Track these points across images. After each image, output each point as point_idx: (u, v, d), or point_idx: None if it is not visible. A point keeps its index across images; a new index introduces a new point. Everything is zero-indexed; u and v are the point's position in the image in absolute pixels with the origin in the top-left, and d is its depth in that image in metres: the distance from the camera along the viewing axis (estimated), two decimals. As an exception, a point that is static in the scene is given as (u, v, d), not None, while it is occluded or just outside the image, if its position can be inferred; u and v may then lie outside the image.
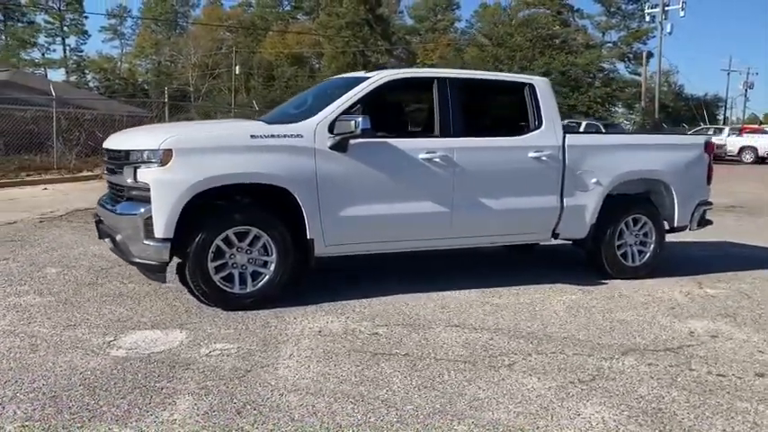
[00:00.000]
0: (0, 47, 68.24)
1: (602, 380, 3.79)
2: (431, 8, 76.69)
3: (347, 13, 56.80)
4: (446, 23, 75.42)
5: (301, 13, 78.40)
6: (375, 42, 59.65)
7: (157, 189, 4.57)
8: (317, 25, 64.49)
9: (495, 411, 3.32)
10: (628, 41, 53.72)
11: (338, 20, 57.65)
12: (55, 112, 15.77)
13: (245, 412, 3.23)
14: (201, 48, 70.28)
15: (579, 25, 55.58)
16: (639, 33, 49.63)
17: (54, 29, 67.08)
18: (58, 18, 66.09)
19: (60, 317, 4.64)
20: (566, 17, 56.87)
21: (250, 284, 4.92)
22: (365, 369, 3.83)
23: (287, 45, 68.46)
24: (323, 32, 60.88)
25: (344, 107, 5.13)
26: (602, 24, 57.22)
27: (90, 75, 75.89)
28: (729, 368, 4.03)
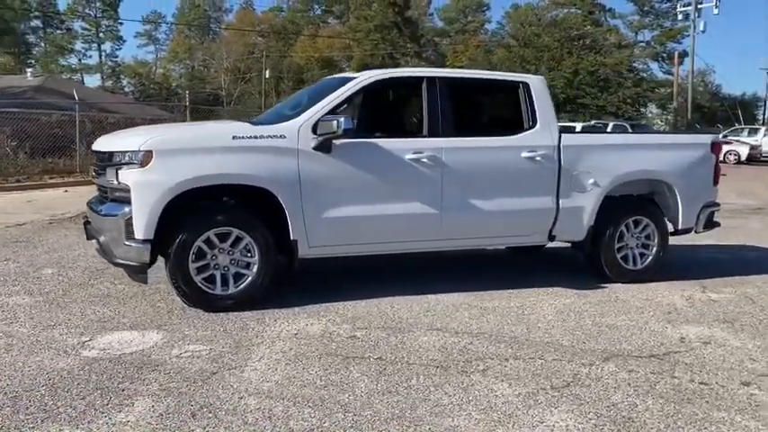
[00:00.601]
0: (39, 53, 70.05)
1: (577, 386, 3.66)
2: (461, 10, 76.45)
3: (376, 16, 56.90)
4: (476, 25, 75.08)
5: (332, 16, 78.74)
6: (404, 45, 59.62)
7: (137, 190, 4.58)
8: (347, 28, 64.72)
9: (455, 418, 3.23)
10: (661, 41, 52.73)
11: (367, 23, 57.76)
12: (78, 116, 16.08)
13: (200, 415, 3.19)
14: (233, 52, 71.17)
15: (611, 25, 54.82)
16: (673, 32, 48.64)
17: (90, 35, 68.57)
18: (94, 25, 67.47)
19: (43, 317, 4.67)
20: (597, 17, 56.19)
21: (232, 286, 4.90)
22: (333, 373, 3.77)
23: (317, 49, 68.88)
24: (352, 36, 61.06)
25: (329, 108, 5.08)
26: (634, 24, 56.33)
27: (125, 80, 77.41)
28: (714, 376, 3.86)
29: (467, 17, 77.12)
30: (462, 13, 77.29)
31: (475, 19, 76.66)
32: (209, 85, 72.61)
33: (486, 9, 76.87)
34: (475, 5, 76.73)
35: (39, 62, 68.17)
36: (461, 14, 77.28)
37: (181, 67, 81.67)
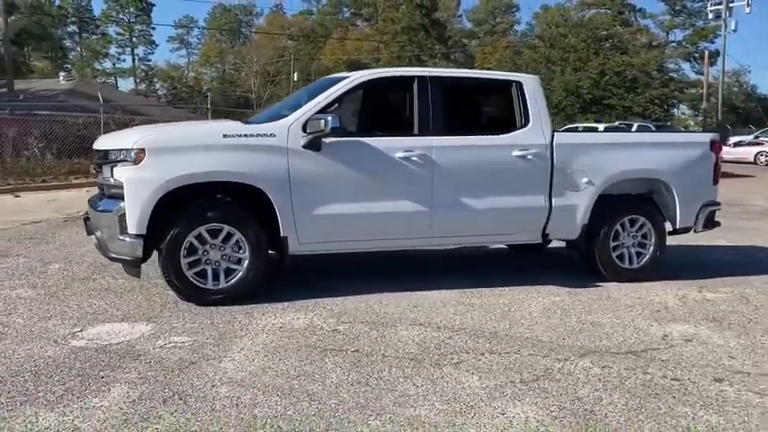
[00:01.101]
0: (76, 58, 71.73)
1: (546, 380, 3.70)
2: (490, 11, 76.24)
3: (403, 18, 57.07)
4: (505, 26, 74.84)
5: (361, 19, 79.11)
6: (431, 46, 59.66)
7: (130, 187, 4.74)
8: (375, 31, 65.01)
9: (418, 408, 3.30)
10: (693, 40, 51.94)
11: (394, 25, 57.96)
12: (102, 118, 16.48)
13: (171, 401, 3.31)
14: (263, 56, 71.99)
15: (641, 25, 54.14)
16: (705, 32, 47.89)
17: (124, 40, 69.93)
18: (128, 29, 68.84)
19: (40, 309, 4.86)
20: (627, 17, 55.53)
21: (223, 281, 5.03)
22: (308, 364, 3.87)
23: (345, 51, 69.30)
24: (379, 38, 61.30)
25: (320, 107, 5.19)
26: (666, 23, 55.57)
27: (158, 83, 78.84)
28: (688, 372, 3.86)
29: (495, 18, 76.93)
30: (491, 15, 77.12)
31: (504, 20, 76.44)
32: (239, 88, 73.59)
33: (515, 10, 76.65)
34: (504, 7, 76.50)
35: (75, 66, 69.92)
36: (490, 16, 77.11)
37: (212, 70, 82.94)
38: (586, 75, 31.47)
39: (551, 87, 31.86)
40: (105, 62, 71.65)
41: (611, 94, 30.97)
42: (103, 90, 25.44)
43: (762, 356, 4.16)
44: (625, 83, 31.62)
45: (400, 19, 57.93)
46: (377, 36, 63.06)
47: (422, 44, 59.12)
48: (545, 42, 35.18)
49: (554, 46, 33.98)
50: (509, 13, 76.98)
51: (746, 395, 3.55)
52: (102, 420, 3.09)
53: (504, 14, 77.67)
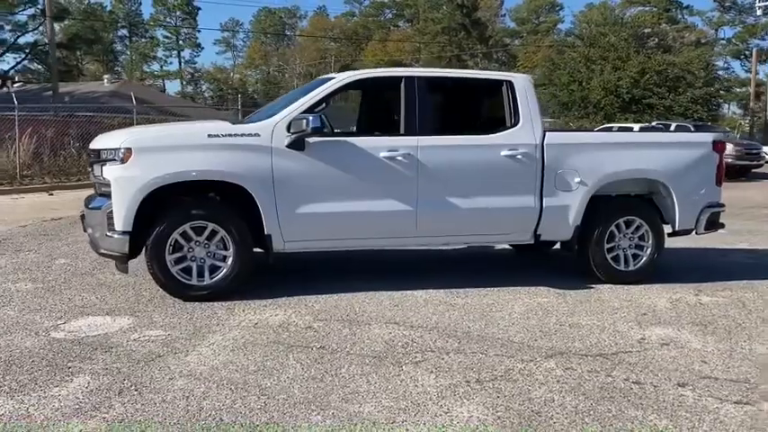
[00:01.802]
0: (125, 61, 73.78)
1: (503, 381, 3.69)
2: (533, 10, 75.41)
3: (443, 19, 56.87)
4: (548, 25, 73.86)
5: (403, 20, 79.16)
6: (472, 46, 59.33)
7: (117, 185, 4.90)
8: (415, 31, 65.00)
9: (364, 404, 3.34)
10: (743, 37, 50.32)
11: (434, 25, 57.83)
12: (135, 118, 16.94)
13: (126, 392, 3.43)
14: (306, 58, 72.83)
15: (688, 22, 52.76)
16: (755, 29, 46.33)
17: (171, 43, 71.59)
18: (175, 33, 70.44)
19: (33, 302, 5.07)
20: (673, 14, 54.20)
21: (208, 277, 5.14)
22: (270, 360, 3.94)
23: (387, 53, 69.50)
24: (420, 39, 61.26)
25: (305, 107, 5.26)
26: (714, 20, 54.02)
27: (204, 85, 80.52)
28: (653, 376, 3.79)
29: (539, 17, 76.06)
30: (534, 14, 76.29)
31: (547, 19, 75.49)
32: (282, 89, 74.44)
33: (559, 9, 75.59)
34: (548, 5, 75.55)
35: (125, 69, 71.96)
36: (533, 15, 76.29)
37: (257, 72, 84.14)
38: (626, 74, 30.76)
39: (590, 87, 31.29)
40: (153, 65, 73.50)
41: (651, 93, 30.17)
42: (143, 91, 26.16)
43: (736, 362, 4.06)
44: (666, 82, 30.77)
45: (440, 19, 57.78)
46: (417, 37, 62.98)
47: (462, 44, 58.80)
48: (584, 41, 34.52)
49: (593, 45, 33.32)
50: (553, 12, 75.97)
51: (706, 401, 3.47)
52: (54, 409, 3.21)
53: (548, 13, 76.73)
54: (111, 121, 17.94)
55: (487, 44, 62.09)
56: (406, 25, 77.28)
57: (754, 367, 3.97)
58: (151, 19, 71.46)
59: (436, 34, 58.92)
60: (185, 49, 73.17)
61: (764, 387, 3.66)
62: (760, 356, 4.17)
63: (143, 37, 74.21)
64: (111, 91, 28.04)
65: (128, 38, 73.91)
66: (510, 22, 77.99)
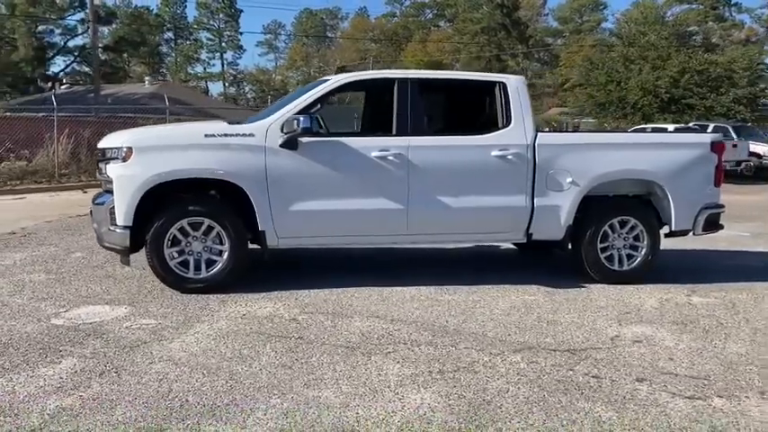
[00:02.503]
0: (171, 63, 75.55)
1: (464, 372, 3.82)
2: (576, 9, 74.47)
3: (483, 19, 56.65)
4: (592, 24, 72.84)
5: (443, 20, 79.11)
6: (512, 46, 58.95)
7: (118, 182, 5.20)
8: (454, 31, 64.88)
9: (323, 390, 3.52)
10: (794, 35, 48.76)
11: (473, 25, 57.65)
12: (168, 119, 17.47)
13: (106, 374, 3.68)
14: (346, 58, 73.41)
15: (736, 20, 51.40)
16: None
17: (214, 45, 73.04)
18: (218, 35, 71.85)
19: (42, 291, 5.40)
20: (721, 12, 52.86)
21: (204, 271, 5.39)
22: (247, 348, 4.16)
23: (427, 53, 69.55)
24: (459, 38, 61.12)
25: (299, 108, 5.48)
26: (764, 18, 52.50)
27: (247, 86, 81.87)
28: (614, 371, 3.88)
29: (582, 17, 75.10)
30: (578, 13, 75.34)
31: (591, 18, 74.46)
32: (323, 90, 74.98)
33: (603, 8, 74.47)
34: (591, 4, 74.50)
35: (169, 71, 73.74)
36: (577, 14, 75.35)
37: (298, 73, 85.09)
38: (665, 73, 30.20)
39: (627, 87, 30.82)
40: (197, 67, 75.10)
41: (691, 93, 29.56)
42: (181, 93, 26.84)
43: (704, 360, 4.10)
44: (708, 82, 30.11)
45: (480, 19, 57.56)
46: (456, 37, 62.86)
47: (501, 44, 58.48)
48: (623, 41, 34.03)
49: (632, 44, 32.83)
50: (596, 11, 74.86)
51: (658, 395, 3.55)
52: (38, 387, 3.49)
53: (592, 12, 75.66)
54: (145, 121, 18.53)
55: (527, 44, 61.57)
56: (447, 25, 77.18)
57: (720, 365, 4.02)
58: (195, 22, 73.05)
59: (475, 34, 58.73)
60: (228, 51, 74.55)
61: (722, 384, 3.72)
62: (730, 355, 4.21)
63: (188, 39, 75.93)
64: (150, 92, 28.86)
65: (173, 40, 75.73)
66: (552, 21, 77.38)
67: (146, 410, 3.23)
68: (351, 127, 6.80)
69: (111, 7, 55.42)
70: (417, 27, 78.31)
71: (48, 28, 50.17)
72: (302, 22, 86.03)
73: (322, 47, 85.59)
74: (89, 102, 25.17)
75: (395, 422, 3.17)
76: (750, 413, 3.34)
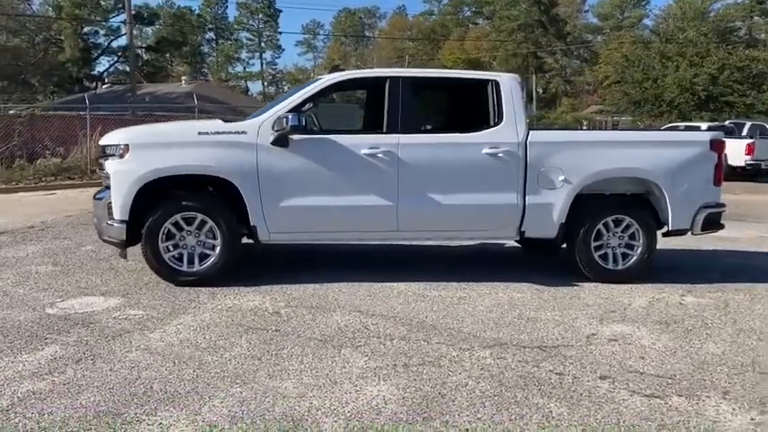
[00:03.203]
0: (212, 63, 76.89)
1: (429, 366, 3.88)
2: (617, 5, 73.17)
3: (520, 15, 56.14)
4: (633, 20, 71.47)
5: (482, 17, 78.63)
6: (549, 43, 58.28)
7: (115, 177, 5.39)
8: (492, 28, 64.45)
9: (285, 381, 3.62)
10: None
11: (510, 22, 57.17)
12: (197, 116, 17.86)
13: (83, 361, 3.86)
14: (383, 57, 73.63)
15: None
16: None
17: (253, 45, 74.06)
18: (257, 35, 72.83)
19: (45, 282, 5.64)
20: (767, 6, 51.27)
21: (197, 264, 5.56)
22: (223, 339, 4.28)
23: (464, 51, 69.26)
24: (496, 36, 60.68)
25: (291, 106, 5.59)
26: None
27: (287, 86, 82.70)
28: (579, 369, 3.89)
29: (623, 13, 73.76)
30: (618, 9, 74.02)
31: (632, 14, 73.07)
32: (360, 88, 75.33)
33: (645, 3, 73.00)
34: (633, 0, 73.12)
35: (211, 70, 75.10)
36: (617, 10, 74.03)
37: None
38: (704, 70, 29.51)
39: (664, 84, 30.21)
40: (237, 66, 76.25)
41: (731, 90, 28.83)
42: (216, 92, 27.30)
43: (675, 359, 4.08)
44: (749, 78, 29.33)
45: (517, 17, 57.04)
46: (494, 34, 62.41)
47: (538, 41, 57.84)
48: (660, 37, 33.34)
49: (670, 41, 32.15)
50: (638, 7, 73.41)
51: (617, 393, 3.55)
52: (16, 371, 3.68)
53: (633, 8, 74.22)
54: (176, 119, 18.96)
55: (565, 41, 60.77)
56: (485, 22, 76.69)
57: (691, 365, 3.99)
58: (235, 21, 74.17)
59: (512, 31, 58.23)
60: (267, 51, 75.52)
61: (686, 383, 3.69)
62: (704, 355, 4.17)
63: (228, 39, 77.17)
64: (186, 92, 29.43)
65: (214, 40, 77.03)
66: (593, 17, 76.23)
67: (110, 396, 3.38)
68: (356, 125, 6.83)
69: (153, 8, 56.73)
70: (455, 25, 78.09)
71: (92, 29, 51.62)
72: (341, 21, 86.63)
73: (360, 46, 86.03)
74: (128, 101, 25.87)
75: (345, 412, 3.25)
76: (705, 412, 3.32)
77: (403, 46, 76.59)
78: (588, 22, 75.78)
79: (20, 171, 15.42)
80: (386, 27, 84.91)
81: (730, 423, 3.21)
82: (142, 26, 58.49)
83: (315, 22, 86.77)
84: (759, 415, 3.30)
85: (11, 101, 33.86)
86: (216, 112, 23.24)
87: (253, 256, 6.18)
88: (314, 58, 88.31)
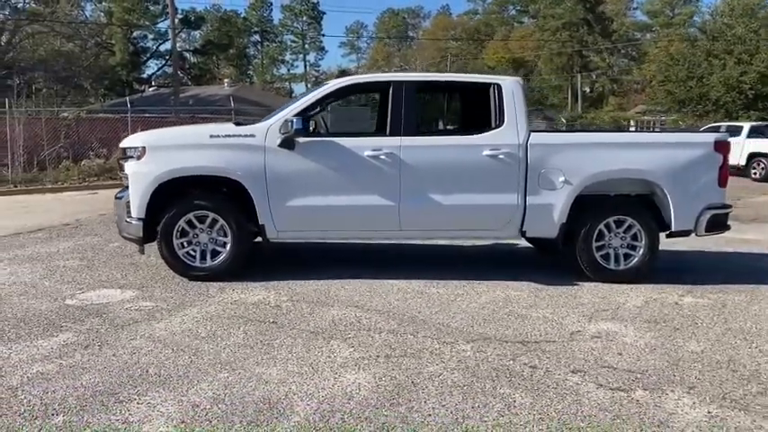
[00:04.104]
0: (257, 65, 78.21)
1: (409, 358, 4.09)
2: (667, 2, 71.61)
3: (564, 14, 55.52)
4: (683, 17, 69.82)
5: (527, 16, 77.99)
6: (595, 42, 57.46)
7: (133, 178, 5.75)
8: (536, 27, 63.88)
9: (270, 368, 3.88)
10: None
11: (554, 21, 56.58)
12: (233, 118, 18.37)
13: (90, 347, 4.19)
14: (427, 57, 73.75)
15: None
16: None
17: (297, 47, 75.08)
18: (301, 37, 73.81)
19: (70, 276, 6.05)
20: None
21: (209, 260, 5.88)
22: (222, 329, 4.57)
23: (508, 50, 68.86)
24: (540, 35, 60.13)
25: (298, 110, 5.87)
26: None
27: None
28: (554, 363, 4.03)
29: (673, 10, 72.14)
30: (668, 6, 72.41)
31: (683, 11, 71.40)
32: (403, 89, 75.45)
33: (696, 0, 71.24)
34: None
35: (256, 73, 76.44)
36: (668, 7, 72.44)
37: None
38: (752, 68, 28.77)
39: (709, 83, 29.56)
40: (281, 68, 77.40)
41: (782, 88, 28.08)
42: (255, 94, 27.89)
43: (653, 356, 4.18)
44: (802, 77, 28.47)
45: (561, 15, 56.41)
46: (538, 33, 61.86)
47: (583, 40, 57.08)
48: (707, 35, 32.58)
49: (717, 38, 31.39)
50: (688, 3, 71.69)
51: (585, 386, 3.69)
52: (30, 355, 4.03)
53: (684, 4, 72.51)
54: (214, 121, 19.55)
55: (611, 39, 59.81)
56: (530, 21, 76.01)
57: (666, 362, 4.09)
58: (280, 24, 75.28)
59: (556, 30, 57.60)
60: (311, 53, 76.44)
61: (654, 378, 3.81)
62: (683, 353, 4.26)
63: (273, 42, 78.39)
64: (228, 94, 30.17)
65: (260, 43, 78.36)
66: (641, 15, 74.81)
67: (108, 378, 3.69)
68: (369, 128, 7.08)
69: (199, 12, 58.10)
70: (500, 24, 77.67)
71: (141, 34, 53.21)
72: (384, 21, 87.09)
73: (403, 46, 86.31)
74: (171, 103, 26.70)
75: (318, 396, 3.49)
76: (664, 405, 3.44)
77: (446, 46, 76.49)
78: (637, 19, 74.37)
79: (66, 171, 16.19)
80: (429, 27, 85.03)
81: (686, 416, 3.33)
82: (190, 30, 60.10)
83: (358, 23, 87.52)
84: (717, 409, 3.41)
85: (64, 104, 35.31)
86: (254, 114, 23.76)
87: (265, 254, 6.45)
88: (357, 59, 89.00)
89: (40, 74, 36.96)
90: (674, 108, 32.21)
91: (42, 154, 16.15)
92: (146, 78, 53.71)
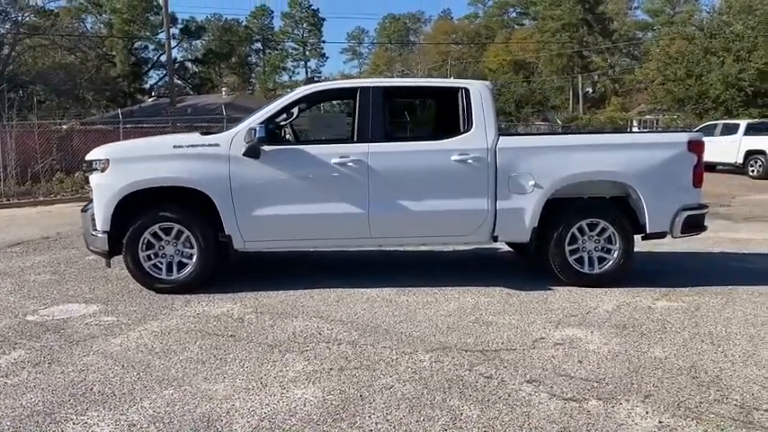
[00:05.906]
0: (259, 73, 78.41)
1: (363, 370, 4.00)
2: (667, 0, 71.38)
3: (563, 15, 55.39)
4: (685, 16, 69.53)
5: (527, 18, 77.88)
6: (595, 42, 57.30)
7: (96, 191, 5.70)
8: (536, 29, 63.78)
9: (218, 384, 3.80)
10: None
11: (554, 22, 56.46)
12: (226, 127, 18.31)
13: (40, 364, 4.12)
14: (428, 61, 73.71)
15: None
16: None
17: (298, 54, 75.23)
18: (302, 44, 73.96)
19: (37, 290, 5.99)
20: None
21: (176, 272, 5.81)
22: (177, 344, 4.49)
23: (509, 52, 68.72)
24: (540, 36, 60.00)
25: (263, 118, 5.80)
26: None
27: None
28: (510, 372, 3.94)
29: (674, 8, 71.90)
30: (669, 4, 72.21)
31: (684, 9, 71.14)
32: (405, 94, 75.43)
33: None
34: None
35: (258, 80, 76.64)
36: (668, 5, 72.23)
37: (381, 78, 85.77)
38: (751, 65, 28.60)
39: (708, 81, 29.40)
40: (283, 75, 77.56)
41: (781, 86, 27.91)
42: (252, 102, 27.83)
43: (614, 363, 4.08)
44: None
45: (560, 16, 56.28)
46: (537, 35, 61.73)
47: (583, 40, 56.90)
48: (705, 32, 32.42)
49: (715, 36, 31.25)
50: (689, 2, 71.41)
51: (538, 396, 3.60)
52: (-24, 374, 3.96)
53: (686, 3, 72.26)
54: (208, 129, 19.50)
55: (611, 39, 59.63)
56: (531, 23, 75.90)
57: (626, 369, 3.99)
58: (280, 31, 75.42)
59: (556, 31, 57.46)
60: (312, 60, 76.57)
61: (611, 387, 3.71)
62: (645, 360, 4.16)
63: (275, 49, 78.57)
64: (226, 102, 30.24)
65: (261, 50, 78.55)
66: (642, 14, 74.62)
67: (51, 397, 3.62)
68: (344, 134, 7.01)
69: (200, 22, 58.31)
70: (500, 26, 77.59)
71: (142, 45, 53.46)
72: (385, 27, 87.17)
73: (404, 51, 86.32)
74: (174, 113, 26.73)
75: (260, 413, 3.41)
76: (616, 415, 3.35)
77: (448, 50, 76.47)
78: (638, 18, 74.21)
79: (59, 184, 16.19)
80: (431, 31, 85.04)
81: (636, 426, 3.23)
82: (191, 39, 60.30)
83: (359, 29, 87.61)
84: (670, 418, 3.31)
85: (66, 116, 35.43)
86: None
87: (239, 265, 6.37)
88: (359, 65, 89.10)
89: (41, 86, 37.15)
90: (674, 107, 32.02)
91: (36, 166, 16.15)
92: (147, 89, 53.94)
